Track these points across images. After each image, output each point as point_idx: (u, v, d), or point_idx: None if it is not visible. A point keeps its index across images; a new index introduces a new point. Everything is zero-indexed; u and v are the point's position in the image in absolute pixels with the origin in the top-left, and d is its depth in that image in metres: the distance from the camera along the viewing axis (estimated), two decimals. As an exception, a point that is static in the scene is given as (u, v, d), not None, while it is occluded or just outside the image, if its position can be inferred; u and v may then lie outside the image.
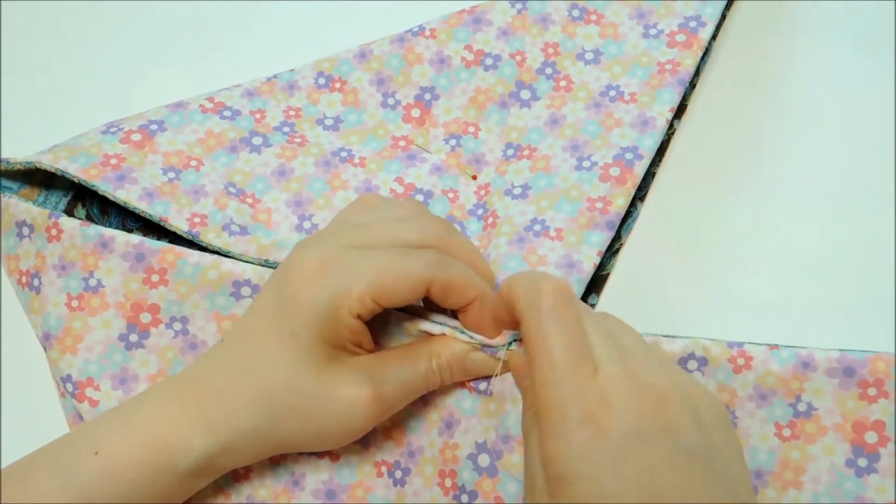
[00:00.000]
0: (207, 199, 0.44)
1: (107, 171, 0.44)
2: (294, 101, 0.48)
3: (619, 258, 0.45)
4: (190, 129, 0.46)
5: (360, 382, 0.36)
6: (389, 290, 0.35)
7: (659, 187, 0.46)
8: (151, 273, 0.43)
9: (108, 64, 0.53)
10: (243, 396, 0.36)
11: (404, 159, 0.46)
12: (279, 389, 0.36)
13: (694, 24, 0.46)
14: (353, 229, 0.37)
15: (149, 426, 0.37)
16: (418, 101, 0.48)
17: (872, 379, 0.38)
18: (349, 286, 0.35)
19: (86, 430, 0.38)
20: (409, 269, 0.35)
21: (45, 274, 0.44)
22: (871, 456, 0.38)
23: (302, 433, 0.37)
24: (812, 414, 0.39)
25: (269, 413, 0.36)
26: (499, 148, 0.46)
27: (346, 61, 0.48)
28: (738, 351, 0.39)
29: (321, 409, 0.36)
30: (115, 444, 0.36)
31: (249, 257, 0.43)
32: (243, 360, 0.37)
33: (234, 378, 0.37)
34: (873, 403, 0.38)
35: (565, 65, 0.47)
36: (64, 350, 0.43)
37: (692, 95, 0.48)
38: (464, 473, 0.39)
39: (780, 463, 0.39)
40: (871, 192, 0.45)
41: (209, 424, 0.36)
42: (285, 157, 0.46)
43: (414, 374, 0.38)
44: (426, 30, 0.48)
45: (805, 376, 0.39)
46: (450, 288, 0.36)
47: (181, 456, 0.36)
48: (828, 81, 0.48)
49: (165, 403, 0.37)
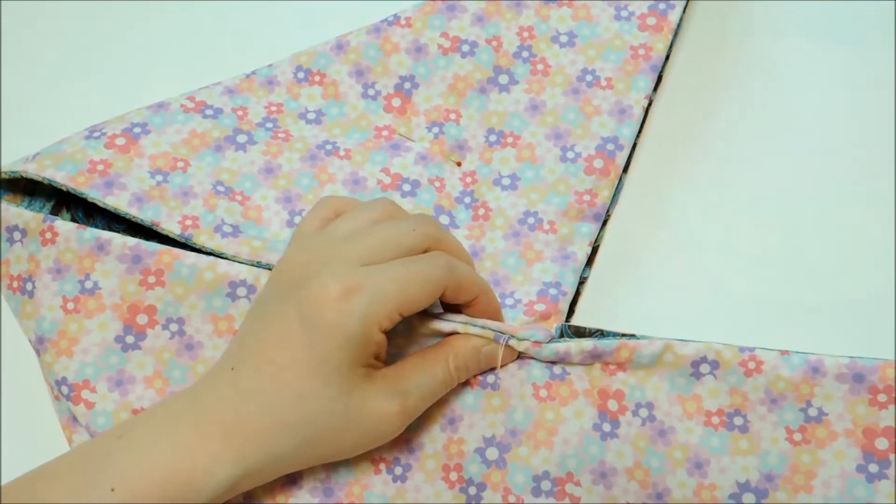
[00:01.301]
0: (197, 201, 0.44)
1: (94, 177, 0.44)
2: (275, 96, 0.48)
3: (608, 230, 0.46)
4: (173, 129, 0.46)
5: (387, 399, 0.37)
6: (414, 302, 0.36)
7: (641, 157, 0.48)
8: (148, 274, 0.43)
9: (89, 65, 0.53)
10: (274, 428, 0.36)
11: (389, 149, 0.47)
12: (311, 417, 0.36)
13: (663, 7, 0.47)
14: (345, 243, 0.37)
15: (169, 462, 0.36)
16: (398, 90, 0.48)
17: (882, 385, 0.39)
18: (377, 305, 0.35)
19: (101, 462, 0.36)
20: (427, 278, 0.37)
21: (38, 278, 0.43)
22: (882, 462, 0.38)
23: (330, 452, 0.38)
24: (823, 419, 0.39)
25: (301, 439, 0.37)
26: (481, 134, 0.47)
27: (323, 54, 0.48)
28: (749, 355, 0.40)
29: (352, 428, 0.37)
30: (134, 481, 0.36)
31: (242, 258, 0.43)
32: (272, 394, 0.36)
33: (263, 411, 0.36)
34: (883, 410, 0.39)
35: (541, 48, 0.48)
36: (59, 353, 0.43)
37: (665, 67, 0.49)
38: (471, 467, 0.41)
39: (790, 467, 0.39)
40: (862, 180, 0.47)
41: (235, 456, 0.36)
42: (271, 153, 0.46)
43: (434, 380, 0.39)
44: (401, 18, 0.48)
45: (815, 381, 0.39)
46: (461, 287, 0.38)
47: (203, 488, 0.36)
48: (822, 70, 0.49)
49: (186, 438, 0.36)
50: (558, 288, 0.43)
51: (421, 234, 0.38)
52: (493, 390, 0.41)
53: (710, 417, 0.40)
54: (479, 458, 0.41)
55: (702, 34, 0.50)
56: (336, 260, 0.37)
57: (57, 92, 0.52)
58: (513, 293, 0.44)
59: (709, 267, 0.46)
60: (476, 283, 0.39)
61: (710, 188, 0.47)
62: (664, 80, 0.49)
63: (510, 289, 0.44)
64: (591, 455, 0.40)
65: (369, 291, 0.35)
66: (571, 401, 0.41)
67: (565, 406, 0.41)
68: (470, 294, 0.39)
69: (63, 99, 0.52)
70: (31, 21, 0.54)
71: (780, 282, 0.45)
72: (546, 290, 0.43)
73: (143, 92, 0.49)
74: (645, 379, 0.41)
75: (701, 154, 0.48)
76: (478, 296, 0.39)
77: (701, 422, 0.40)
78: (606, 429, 0.41)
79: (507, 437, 0.41)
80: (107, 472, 0.36)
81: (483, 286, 0.40)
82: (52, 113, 0.51)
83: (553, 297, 0.43)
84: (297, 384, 0.36)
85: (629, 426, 0.41)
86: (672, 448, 0.40)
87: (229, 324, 0.43)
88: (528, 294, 0.43)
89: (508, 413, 0.41)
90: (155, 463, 0.36)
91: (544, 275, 0.44)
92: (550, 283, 0.43)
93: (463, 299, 0.39)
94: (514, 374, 0.41)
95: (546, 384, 0.41)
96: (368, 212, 0.39)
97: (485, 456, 0.41)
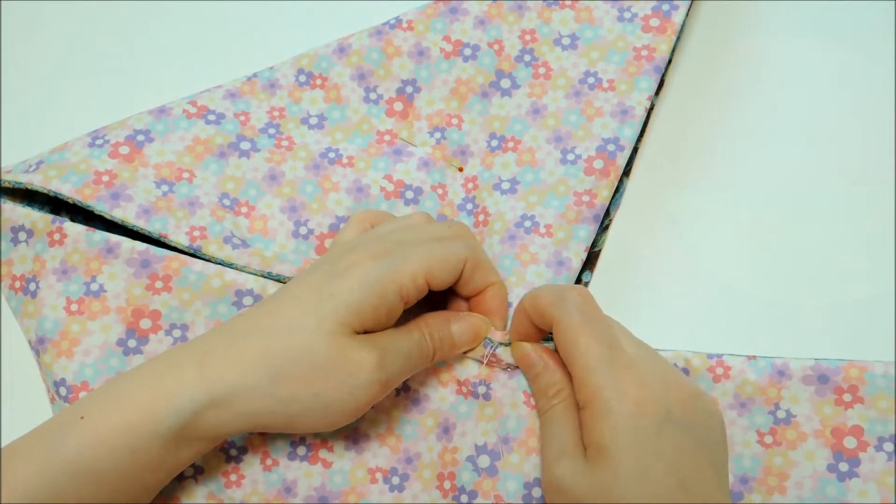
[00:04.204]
0: (204, 211, 0.45)
1: (100, 189, 0.44)
2: (276, 100, 0.48)
3: (609, 234, 0.47)
4: (176, 136, 0.46)
5: (366, 350, 0.38)
6: (438, 270, 0.39)
7: (644, 158, 0.48)
8: (156, 279, 0.44)
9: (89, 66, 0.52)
10: (251, 354, 0.37)
11: (391, 155, 0.47)
12: (292, 350, 0.37)
13: (667, 8, 0.47)
14: (384, 236, 0.40)
15: (139, 388, 0.36)
16: (400, 94, 0.48)
17: (847, 385, 0.40)
18: (403, 266, 0.38)
19: (80, 400, 0.38)
20: (451, 251, 0.40)
21: (43, 278, 0.44)
22: (852, 460, 0.40)
23: (304, 396, 0.37)
24: (791, 420, 0.41)
25: (275, 370, 0.37)
26: (483, 139, 0.47)
27: (325, 57, 0.48)
28: (716, 361, 0.41)
29: (327, 371, 0.37)
30: (102, 407, 0.36)
31: (252, 269, 0.44)
32: (263, 321, 0.38)
33: (244, 337, 0.37)
34: (849, 409, 0.40)
35: (543, 51, 0.48)
36: (59, 354, 0.43)
37: (668, 68, 0.49)
38: (463, 475, 0.41)
39: (763, 469, 0.40)
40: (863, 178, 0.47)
41: (204, 379, 0.36)
42: (275, 160, 0.46)
43: (410, 343, 0.40)
44: (403, 22, 0.48)
45: (782, 384, 0.41)
46: (478, 266, 0.41)
47: (164, 414, 0.36)
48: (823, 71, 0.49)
49: (162, 366, 0.37)
50: None
51: (454, 231, 0.41)
52: (485, 400, 0.42)
53: None
54: (470, 465, 0.42)
55: (706, 35, 0.50)
56: (373, 239, 0.40)
57: (57, 93, 0.52)
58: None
59: (711, 268, 0.46)
60: (494, 269, 0.42)
61: (713, 189, 0.48)
62: (667, 81, 0.49)
63: None
64: None
65: (397, 255, 0.38)
66: None
67: None
68: (486, 280, 0.41)
69: (63, 100, 0.52)
70: (31, 21, 0.53)
71: (781, 282, 0.46)
72: None
73: (143, 93, 0.49)
74: None
75: (704, 155, 0.48)
76: (491, 285, 0.42)
77: None
78: None
79: (498, 444, 0.41)
80: (82, 404, 0.37)
81: (498, 277, 0.42)
82: (51, 114, 0.52)
83: None
84: (291, 315, 0.38)
85: None
86: None
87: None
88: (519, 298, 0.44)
89: (501, 421, 0.42)
90: (125, 390, 0.37)
91: (538, 279, 0.44)
92: None
93: (477, 284, 0.41)
94: (504, 384, 0.42)
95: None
96: (405, 218, 0.43)
97: (476, 464, 0.41)
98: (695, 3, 0.48)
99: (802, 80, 0.49)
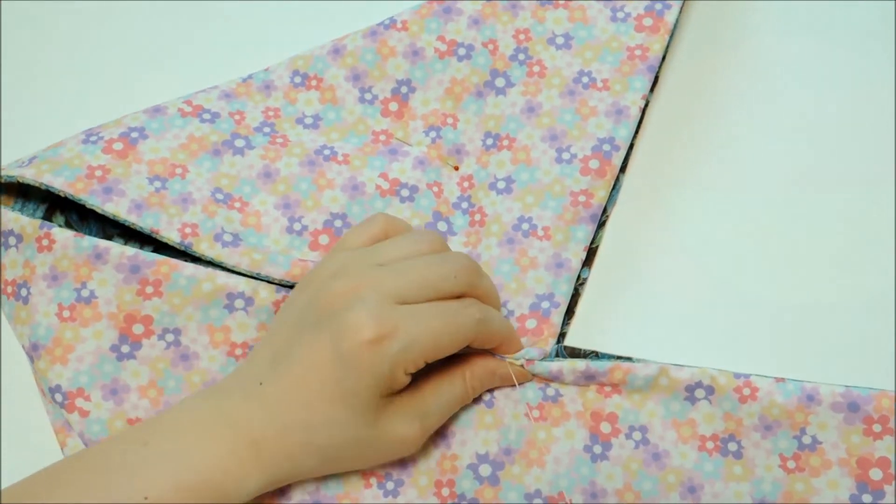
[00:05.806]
0: (196, 207, 0.45)
1: (92, 183, 0.44)
2: (272, 101, 0.48)
3: (607, 231, 0.47)
4: (171, 134, 0.46)
5: (408, 422, 0.39)
6: (442, 351, 0.39)
7: (638, 158, 0.48)
8: (146, 284, 0.43)
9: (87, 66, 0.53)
10: (302, 448, 0.39)
11: (387, 154, 0.47)
12: (337, 442, 0.39)
13: (660, 7, 0.47)
14: (387, 275, 0.39)
15: (201, 471, 0.37)
16: (395, 94, 0.48)
17: (877, 415, 0.39)
18: (407, 353, 0.37)
19: (128, 470, 0.37)
20: (459, 330, 0.39)
21: (33, 284, 0.44)
22: (876, 493, 0.39)
23: (349, 467, 0.41)
24: (817, 447, 0.39)
25: (327, 458, 0.39)
26: (478, 138, 0.47)
27: (320, 58, 0.48)
28: (744, 381, 0.40)
29: (373, 450, 0.40)
30: (166, 490, 0.36)
31: (242, 269, 0.44)
32: (303, 418, 0.38)
33: (293, 432, 0.38)
34: (878, 440, 0.39)
35: (537, 49, 0.48)
36: (53, 360, 0.43)
37: (662, 67, 0.49)
38: (463, 483, 0.41)
39: (784, 494, 0.39)
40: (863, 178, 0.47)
41: (264, 467, 0.38)
42: (269, 158, 0.46)
43: (452, 398, 0.41)
44: (397, 22, 0.48)
45: (810, 409, 0.39)
46: (488, 341, 0.41)
47: (233, 495, 0.38)
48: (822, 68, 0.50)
49: (217, 449, 0.38)
50: (550, 300, 0.44)
51: (462, 282, 0.40)
52: (486, 408, 0.42)
53: (704, 442, 0.41)
54: (471, 474, 0.41)
55: (698, 35, 0.50)
56: (375, 293, 0.38)
57: (54, 93, 0.52)
58: (506, 303, 0.44)
59: (708, 267, 0.46)
60: (501, 333, 0.41)
61: (708, 189, 0.47)
62: (661, 80, 0.49)
63: (504, 298, 0.44)
64: (582, 475, 0.41)
65: (402, 339, 0.37)
66: (563, 422, 0.42)
67: (556, 426, 0.42)
68: (494, 343, 0.41)
69: (60, 100, 0.52)
70: (30, 21, 0.54)
71: (778, 278, 0.45)
72: (538, 303, 0.44)
73: (139, 94, 0.49)
74: (640, 403, 0.41)
75: (698, 155, 0.48)
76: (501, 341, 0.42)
77: (695, 446, 0.41)
78: (597, 451, 0.41)
79: (500, 455, 0.41)
80: (137, 481, 0.36)
81: (507, 334, 0.42)
82: (49, 114, 0.51)
83: (545, 312, 0.43)
84: (327, 412, 0.38)
85: (622, 448, 0.41)
86: (666, 472, 0.41)
87: (225, 335, 0.43)
88: (520, 306, 0.44)
89: (502, 431, 0.42)
90: (187, 473, 0.37)
91: (538, 285, 0.44)
92: (543, 296, 0.44)
93: (487, 347, 0.41)
94: (508, 395, 0.42)
95: (539, 405, 0.42)
96: (416, 243, 0.41)
97: (478, 472, 0.41)
98: (687, 2, 0.49)
99: (795, 77, 0.49)
